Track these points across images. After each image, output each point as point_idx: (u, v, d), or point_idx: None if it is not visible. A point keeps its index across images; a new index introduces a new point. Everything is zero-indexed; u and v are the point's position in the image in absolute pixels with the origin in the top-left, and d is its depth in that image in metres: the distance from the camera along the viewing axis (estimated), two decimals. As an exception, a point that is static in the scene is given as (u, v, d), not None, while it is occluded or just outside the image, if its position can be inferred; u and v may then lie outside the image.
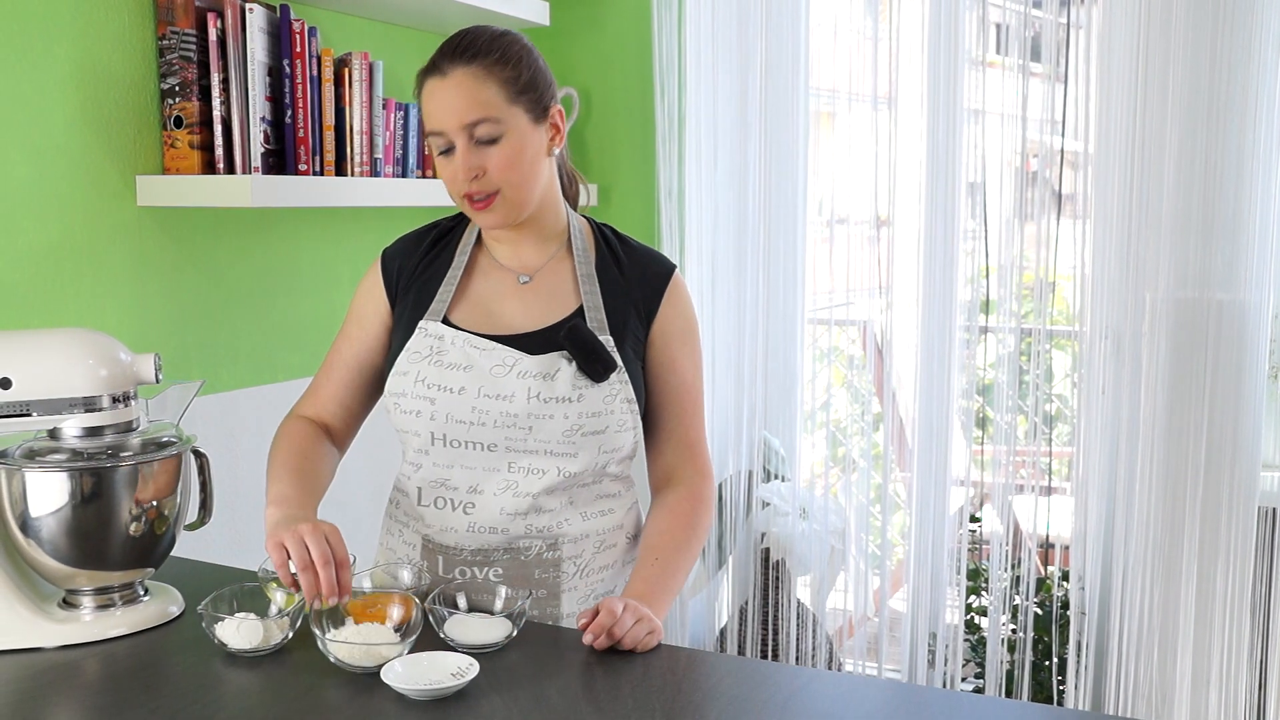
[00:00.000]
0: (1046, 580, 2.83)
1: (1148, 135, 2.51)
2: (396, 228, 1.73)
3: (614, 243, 1.65)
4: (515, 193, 1.53)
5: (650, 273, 1.62)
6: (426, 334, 1.57)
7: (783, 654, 3.02)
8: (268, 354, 2.40)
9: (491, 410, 1.52)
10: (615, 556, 1.62)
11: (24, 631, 1.44)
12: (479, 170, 1.50)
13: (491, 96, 1.49)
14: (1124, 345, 2.60)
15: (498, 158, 1.50)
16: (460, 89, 1.49)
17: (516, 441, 1.52)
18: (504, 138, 1.50)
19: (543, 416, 1.51)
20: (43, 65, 1.93)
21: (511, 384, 1.52)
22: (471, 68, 1.50)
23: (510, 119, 1.50)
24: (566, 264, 1.62)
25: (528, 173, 1.53)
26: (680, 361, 1.62)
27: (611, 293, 1.59)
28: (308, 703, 1.27)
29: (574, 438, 1.52)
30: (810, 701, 1.29)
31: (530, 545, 1.55)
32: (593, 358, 1.52)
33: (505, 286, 1.61)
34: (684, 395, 1.63)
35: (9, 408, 1.43)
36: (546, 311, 1.58)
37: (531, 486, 1.54)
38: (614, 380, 1.54)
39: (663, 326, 1.61)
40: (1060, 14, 2.66)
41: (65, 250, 1.98)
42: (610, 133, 3.10)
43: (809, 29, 2.89)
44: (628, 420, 1.55)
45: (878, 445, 3.08)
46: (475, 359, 1.54)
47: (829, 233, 2.99)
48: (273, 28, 2.17)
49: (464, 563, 1.56)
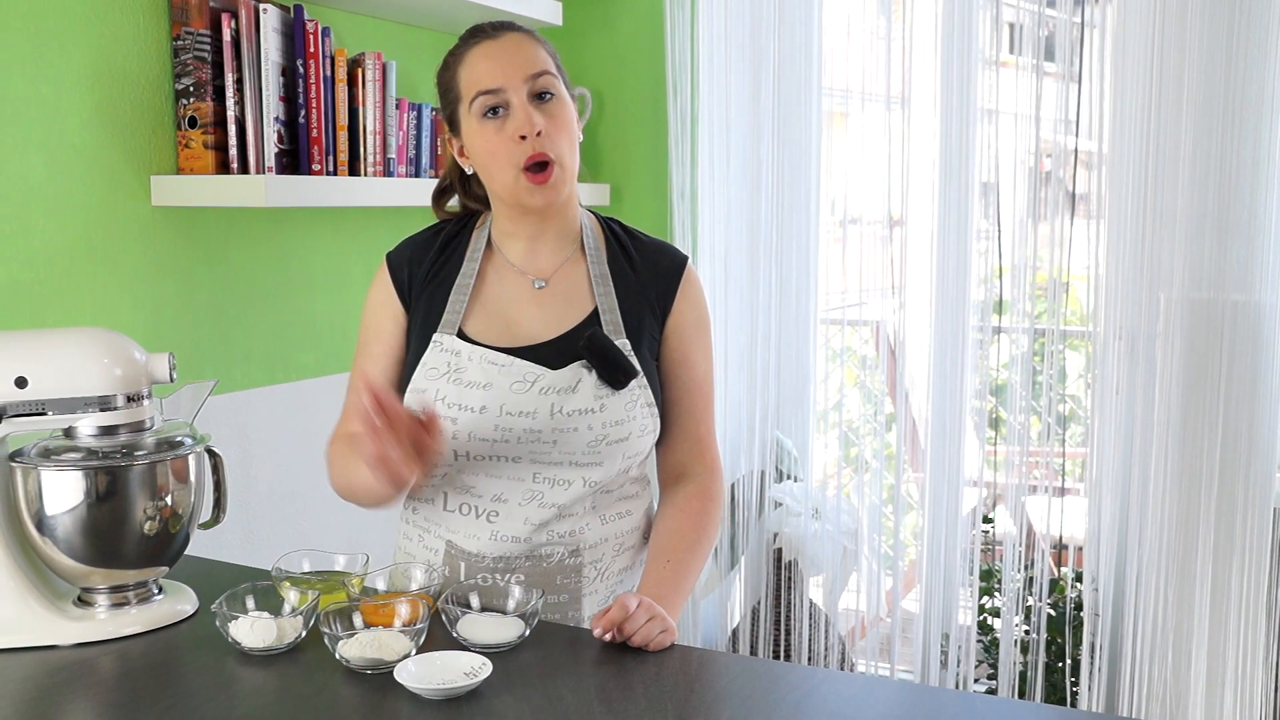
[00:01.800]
0: (1060, 581, 2.82)
1: (1162, 134, 2.49)
2: (409, 227, 1.72)
3: (623, 238, 1.63)
4: (569, 162, 1.52)
5: (663, 266, 1.61)
6: (442, 349, 1.53)
7: (795, 654, 3.02)
8: (281, 353, 2.40)
9: (515, 427, 1.50)
10: (631, 558, 1.62)
11: (40, 629, 1.44)
12: (541, 126, 1.48)
13: (545, 57, 1.52)
14: (1138, 346, 2.58)
15: (557, 116, 1.50)
16: (520, 45, 1.51)
17: (541, 454, 1.51)
18: (558, 98, 1.51)
19: (566, 430, 1.49)
20: (59, 66, 1.94)
21: (533, 400, 1.49)
22: (520, 34, 1.53)
23: (559, 85, 1.52)
24: (580, 265, 1.59)
25: (574, 143, 1.53)
26: (694, 356, 1.61)
27: (625, 291, 1.58)
28: (321, 701, 1.27)
29: (599, 447, 1.51)
30: (823, 702, 1.29)
31: (553, 552, 1.55)
32: (613, 366, 1.50)
33: (520, 292, 1.58)
34: (696, 390, 1.61)
35: (24, 406, 1.44)
36: (563, 317, 1.56)
37: (557, 497, 1.53)
38: (634, 386, 1.52)
39: (677, 321, 1.60)
40: (1074, 13, 2.65)
41: (80, 250, 1.99)
42: (623, 133, 3.10)
43: (822, 28, 2.89)
44: (648, 424, 1.55)
45: (890, 445, 3.08)
46: (494, 376, 1.51)
47: (842, 233, 2.98)
48: (286, 28, 2.17)
49: (486, 569, 1.56)
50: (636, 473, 1.60)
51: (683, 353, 1.60)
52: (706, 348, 1.63)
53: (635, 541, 1.62)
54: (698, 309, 1.62)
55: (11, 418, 1.44)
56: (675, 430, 1.62)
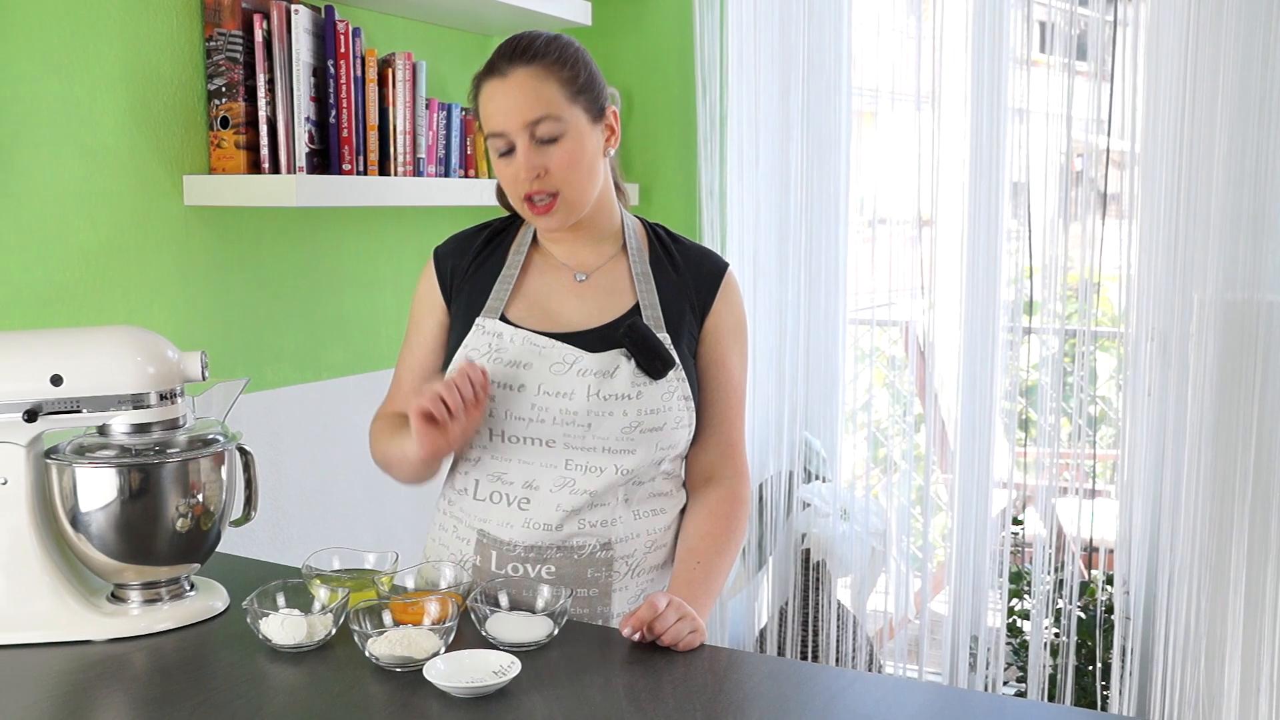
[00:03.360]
0: (1090, 584, 2.80)
1: (1196, 133, 2.47)
2: (439, 227, 1.74)
3: (667, 241, 1.66)
4: (575, 193, 1.53)
5: (705, 269, 1.64)
6: (485, 331, 1.58)
7: (823, 655, 3.01)
8: (311, 352, 2.42)
9: (551, 407, 1.52)
10: (664, 556, 1.63)
11: (74, 624, 1.46)
12: (541, 170, 1.50)
13: (552, 95, 1.50)
14: (1170, 347, 2.56)
15: (559, 157, 1.51)
16: (522, 88, 1.50)
17: (575, 439, 1.53)
18: (564, 137, 1.51)
19: (602, 414, 1.52)
20: (94, 67, 1.96)
21: (571, 381, 1.52)
22: (531, 68, 1.50)
23: (570, 118, 1.51)
24: (622, 262, 1.63)
25: (586, 173, 1.54)
26: (730, 359, 1.63)
27: (667, 289, 1.60)
28: (351, 699, 1.28)
29: (632, 434, 1.53)
30: (851, 703, 1.29)
31: (584, 544, 1.56)
32: (651, 355, 1.52)
33: (562, 284, 1.62)
34: (730, 394, 1.63)
35: (60, 404, 1.45)
36: (604, 309, 1.59)
37: (590, 484, 1.54)
38: (671, 377, 1.54)
39: (715, 323, 1.62)
40: (1106, 11, 2.63)
41: (114, 249, 2.01)
42: (652, 132, 3.10)
43: (851, 28, 2.88)
44: (684, 417, 1.56)
45: (919, 446, 3.06)
46: (534, 356, 1.54)
47: (871, 233, 2.97)
48: (317, 29, 2.19)
49: (517, 559, 1.57)
50: (669, 468, 1.61)
51: (719, 355, 1.62)
52: (742, 353, 1.66)
53: (668, 540, 1.63)
54: (736, 314, 1.65)
55: (47, 415, 1.45)
56: (707, 432, 1.63)
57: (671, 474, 1.63)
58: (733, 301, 1.64)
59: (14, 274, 1.87)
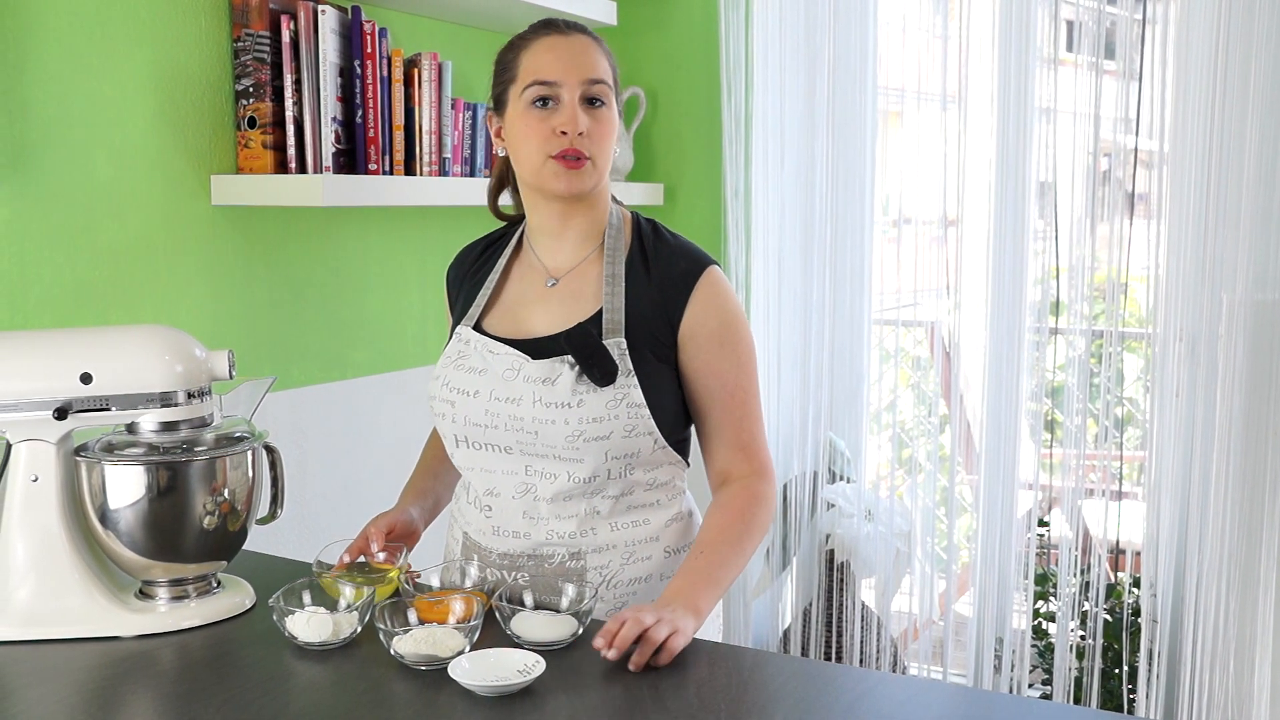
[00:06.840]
0: (1117, 586, 2.78)
1: (1226, 132, 2.45)
2: (464, 227, 1.75)
3: (649, 239, 1.61)
4: (602, 163, 1.57)
5: (677, 272, 1.57)
6: (459, 339, 1.62)
7: (847, 656, 3.00)
8: (337, 351, 2.43)
9: (502, 413, 1.54)
10: (650, 569, 1.59)
11: (103, 620, 1.47)
12: (585, 127, 1.53)
13: (605, 68, 1.57)
14: (1199, 348, 2.54)
15: (602, 123, 1.55)
16: (586, 49, 1.55)
17: (527, 445, 1.54)
18: (608, 106, 1.56)
19: (546, 421, 1.51)
20: (123, 68, 1.97)
21: (519, 388, 1.53)
22: (589, 39, 1.58)
23: (611, 97, 1.57)
24: (596, 264, 1.60)
25: (610, 151, 1.58)
26: (717, 365, 1.57)
27: (636, 294, 1.56)
28: (376, 697, 1.29)
29: (576, 443, 1.51)
30: (875, 705, 1.28)
31: (553, 553, 1.56)
32: (592, 363, 1.50)
33: (533, 290, 1.62)
34: (728, 398, 1.58)
35: (89, 402, 1.47)
36: (569, 314, 1.57)
37: (546, 491, 1.54)
38: (620, 385, 1.51)
39: (691, 329, 1.56)
40: (1135, 10, 2.60)
41: (143, 248, 2.03)
42: (677, 132, 3.10)
43: (877, 27, 2.87)
44: (637, 425, 1.52)
45: (944, 447, 3.05)
46: (490, 363, 1.56)
47: (896, 233, 2.96)
48: (344, 29, 2.20)
49: (493, 564, 1.59)
50: (648, 478, 1.57)
51: (704, 362, 1.56)
52: (736, 356, 1.58)
53: (653, 552, 1.59)
54: (718, 316, 1.57)
55: (76, 413, 1.47)
56: (714, 439, 1.60)
57: (661, 483, 1.59)
58: (712, 304, 1.56)
59: (44, 273, 1.88)
